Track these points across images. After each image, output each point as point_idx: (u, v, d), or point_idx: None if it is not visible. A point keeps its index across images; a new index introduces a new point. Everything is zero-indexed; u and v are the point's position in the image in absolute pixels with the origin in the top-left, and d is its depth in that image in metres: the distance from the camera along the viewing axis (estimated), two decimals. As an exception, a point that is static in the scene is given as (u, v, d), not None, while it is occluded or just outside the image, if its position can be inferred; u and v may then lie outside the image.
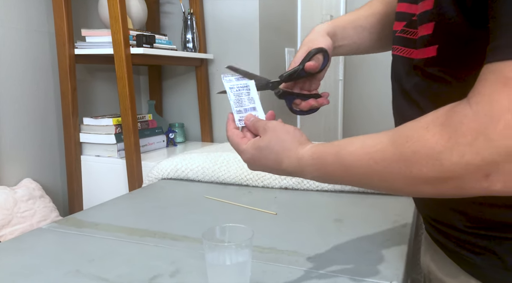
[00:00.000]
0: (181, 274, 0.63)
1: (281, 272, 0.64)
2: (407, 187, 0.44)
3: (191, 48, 1.85)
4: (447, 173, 0.40)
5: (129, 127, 1.48)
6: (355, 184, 0.52)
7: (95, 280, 0.62)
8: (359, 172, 0.48)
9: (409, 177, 0.43)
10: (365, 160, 0.47)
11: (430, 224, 0.61)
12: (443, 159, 0.39)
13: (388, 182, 0.46)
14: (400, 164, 0.43)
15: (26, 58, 1.55)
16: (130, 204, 1.02)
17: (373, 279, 0.60)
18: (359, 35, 0.74)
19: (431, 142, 0.40)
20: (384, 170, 0.45)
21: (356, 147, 0.48)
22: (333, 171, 0.51)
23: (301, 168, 0.53)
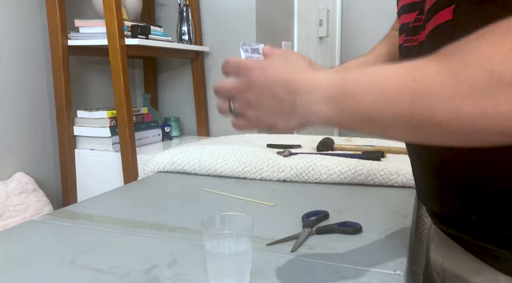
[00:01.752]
0: (179, 265, 0.61)
1: (282, 262, 0.62)
2: (447, 113, 0.34)
3: (186, 40, 1.82)
4: (507, 91, 0.32)
5: (124, 119, 1.46)
6: (375, 114, 0.39)
7: (90, 271, 0.60)
8: (388, 92, 0.37)
9: (454, 96, 0.34)
10: (401, 77, 0.37)
11: (439, 218, 0.58)
12: (504, 71, 0.31)
13: (424, 106, 0.35)
14: (446, 78, 0.34)
15: (18, 49, 1.52)
16: (125, 196, 1.00)
17: (376, 268, 0.59)
18: None
19: (488, 52, 0.32)
20: (425, 88, 0.35)
21: (393, 65, 0.39)
22: (354, 86, 0.40)
23: (315, 79, 0.43)
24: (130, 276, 0.58)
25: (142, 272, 0.59)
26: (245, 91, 0.47)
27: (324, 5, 2.79)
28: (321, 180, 1.06)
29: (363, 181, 1.02)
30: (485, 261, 0.50)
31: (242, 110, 0.48)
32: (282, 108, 0.45)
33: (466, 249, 0.53)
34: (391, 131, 0.40)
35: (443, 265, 0.59)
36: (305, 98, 0.43)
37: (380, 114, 0.38)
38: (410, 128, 0.38)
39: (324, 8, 2.73)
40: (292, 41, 2.30)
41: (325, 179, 1.05)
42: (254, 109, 0.47)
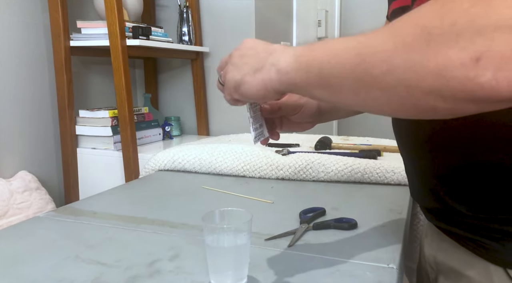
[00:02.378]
0: (180, 259, 0.64)
1: (280, 256, 0.64)
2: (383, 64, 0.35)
3: (186, 41, 1.85)
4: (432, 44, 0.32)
5: (126, 119, 1.48)
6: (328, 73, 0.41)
7: (94, 264, 0.62)
8: (339, 48, 0.40)
9: (389, 49, 0.35)
10: (352, 38, 0.40)
11: (432, 213, 0.60)
12: (434, 27, 0.32)
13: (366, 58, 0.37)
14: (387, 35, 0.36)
15: (21, 50, 1.54)
16: (127, 194, 1.02)
17: (370, 262, 0.61)
18: None
19: (423, 11, 0.34)
20: (369, 42, 0.38)
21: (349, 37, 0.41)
22: (314, 48, 0.43)
23: (284, 48, 0.47)
24: (133, 269, 0.60)
25: (145, 266, 0.61)
26: (233, 55, 0.53)
27: (322, 6, 2.81)
28: (318, 178, 1.08)
29: (359, 179, 1.05)
30: (476, 253, 0.52)
31: (225, 75, 0.53)
32: (254, 62, 0.49)
33: (458, 242, 0.55)
34: (338, 89, 0.41)
35: (436, 259, 0.61)
36: (278, 56, 0.47)
37: (329, 67, 0.41)
38: (353, 83, 0.39)
39: (322, 9, 2.76)
40: (291, 42, 2.33)
41: (322, 177, 1.08)
42: (233, 67, 0.52)
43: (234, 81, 0.51)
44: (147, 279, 0.57)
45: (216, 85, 0.59)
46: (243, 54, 0.51)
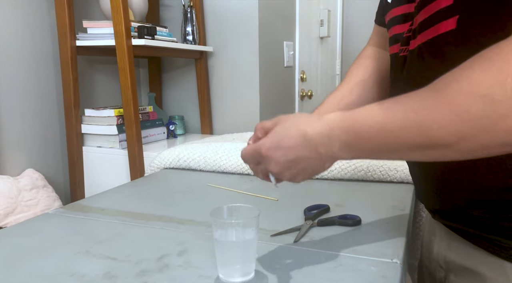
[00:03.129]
0: (189, 253, 0.65)
1: (286, 251, 0.66)
2: (451, 137, 0.38)
3: (191, 40, 1.86)
4: (500, 111, 0.35)
5: (131, 117, 1.50)
6: (388, 147, 0.44)
7: (105, 259, 0.64)
8: (395, 127, 0.42)
9: (456, 122, 0.37)
10: (401, 112, 0.41)
11: (441, 213, 0.59)
12: (495, 94, 0.35)
13: (429, 135, 0.39)
14: (443, 108, 0.38)
15: (28, 50, 1.56)
16: (134, 191, 1.04)
17: (374, 257, 0.63)
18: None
19: (479, 78, 0.36)
20: (425, 118, 0.39)
21: (391, 102, 0.43)
22: (364, 130, 0.45)
23: (328, 131, 0.48)
24: (143, 264, 0.62)
25: (154, 260, 0.63)
26: (279, 172, 0.53)
27: (325, 5, 2.82)
28: (322, 176, 1.09)
29: (363, 177, 1.06)
30: (490, 251, 0.52)
31: (290, 181, 0.54)
32: (313, 163, 0.51)
33: (470, 241, 0.55)
34: (407, 156, 0.45)
35: (446, 258, 0.61)
36: (327, 148, 0.49)
37: (394, 147, 0.43)
38: (422, 153, 0.42)
39: (325, 9, 2.77)
40: (293, 41, 2.34)
41: (326, 175, 1.09)
42: (295, 176, 0.53)
43: (307, 179, 0.54)
44: (157, 273, 0.59)
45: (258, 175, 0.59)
46: (291, 168, 0.51)
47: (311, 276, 0.58)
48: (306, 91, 2.54)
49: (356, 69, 0.77)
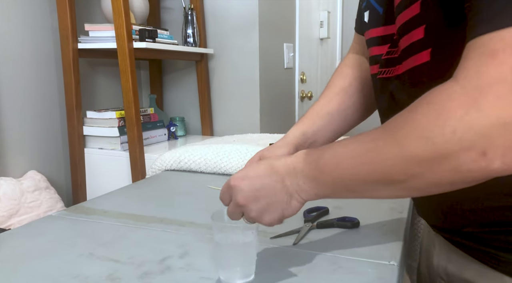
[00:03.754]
0: (190, 256, 0.66)
1: (285, 254, 0.67)
2: (401, 176, 0.42)
3: (191, 43, 1.87)
4: (440, 151, 0.37)
5: (132, 120, 1.51)
6: (346, 183, 0.47)
7: (108, 261, 0.65)
8: (352, 163, 0.45)
9: (403, 161, 0.41)
10: (357, 150, 0.45)
11: (438, 228, 0.60)
12: (435, 137, 0.38)
13: (382, 172, 0.43)
14: (393, 148, 0.41)
15: (30, 52, 1.57)
16: (135, 193, 1.05)
17: (372, 259, 0.64)
18: (331, 120, 0.74)
19: (422, 121, 0.39)
20: (376, 158, 0.43)
21: (350, 140, 0.47)
22: (325, 164, 0.48)
23: (294, 164, 0.50)
24: (145, 266, 0.63)
25: (157, 263, 0.64)
26: (245, 205, 0.53)
27: (324, 7, 2.84)
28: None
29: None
30: (489, 265, 0.52)
31: (261, 222, 0.54)
32: (280, 197, 0.51)
33: (469, 254, 0.55)
34: (366, 193, 0.48)
35: (447, 270, 0.61)
36: (292, 180, 0.50)
37: (352, 182, 0.46)
38: (378, 189, 0.45)
39: (325, 10, 2.78)
40: (293, 43, 2.35)
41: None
42: (264, 214, 0.52)
43: (276, 220, 0.53)
44: (159, 276, 0.60)
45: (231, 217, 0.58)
46: (262, 203, 0.52)
47: (310, 278, 0.59)
48: (306, 92, 2.56)
49: (336, 78, 0.78)
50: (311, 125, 0.72)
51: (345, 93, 0.75)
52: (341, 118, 0.74)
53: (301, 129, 0.72)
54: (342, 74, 0.78)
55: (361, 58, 0.79)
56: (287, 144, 0.70)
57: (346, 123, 0.75)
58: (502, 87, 0.34)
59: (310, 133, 0.71)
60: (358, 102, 0.75)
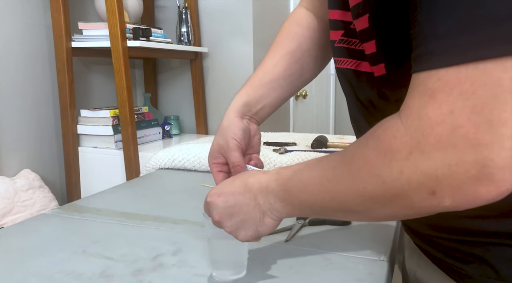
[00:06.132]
0: (183, 253, 0.67)
1: (277, 250, 0.68)
2: (359, 207, 0.42)
3: (186, 41, 1.88)
4: (391, 190, 0.38)
5: (126, 118, 1.51)
6: (312, 207, 0.48)
7: (101, 258, 0.65)
8: (315, 191, 0.46)
9: (358, 196, 0.41)
10: (318, 178, 0.46)
11: (410, 230, 0.59)
12: (384, 176, 0.38)
13: (340, 202, 0.44)
14: (349, 182, 0.42)
15: (23, 51, 1.57)
16: (129, 192, 1.05)
17: (363, 255, 0.65)
18: (276, 87, 0.68)
19: (372, 158, 0.39)
20: (335, 188, 0.43)
21: (316, 163, 0.47)
22: (292, 187, 0.48)
23: (266, 182, 0.51)
24: (138, 263, 0.63)
25: (149, 260, 0.65)
26: (219, 221, 0.53)
27: (320, 5, 2.84)
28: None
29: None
30: (450, 276, 0.51)
31: (237, 237, 0.54)
32: (253, 214, 0.52)
33: (433, 262, 0.54)
34: (329, 215, 0.50)
35: (416, 274, 0.60)
36: (265, 199, 0.51)
37: (316, 206, 0.47)
38: (342, 215, 0.48)
39: (320, 9, 2.79)
40: (288, 42, 2.35)
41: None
42: (239, 230, 0.53)
43: (251, 237, 0.53)
44: (152, 272, 0.60)
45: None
46: (236, 219, 0.52)
47: (301, 274, 0.60)
48: (301, 91, 2.56)
49: (284, 38, 0.71)
50: (253, 94, 0.67)
51: (291, 57, 0.69)
52: (286, 84, 0.69)
53: (244, 100, 0.67)
54: (290, 34, 0.71)
55: (312, 16, 0.71)
56: (232, 118, 0.65)
57: (292, 89, 0.71)
58: (442, 129, 0.34)
59: (254, 102, 0.67)
60: (305, 65, 0.70)
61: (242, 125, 0.64)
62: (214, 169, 0.65)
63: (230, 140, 0.63)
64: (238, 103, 0.66)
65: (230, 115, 0.65)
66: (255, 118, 0.67)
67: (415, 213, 0.39)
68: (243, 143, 0.63)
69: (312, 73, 0.72)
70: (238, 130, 0.63)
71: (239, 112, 0.66)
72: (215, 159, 0.65)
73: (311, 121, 2.87)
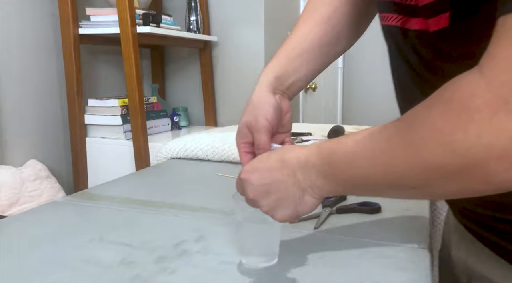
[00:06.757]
0: (206, 240, 0.63)
1: (307, 238, 0.63)
2: (418, 182, 0.37)
3: (195, 30, 1.83)
4: (463, 160, 0.32)
5: (136, 107, 1.47)
6: (359, 184, 0.43)
7: (120, 245, 0.61)
8: (365, 164, 0.41)
9: (419, 169, 0.35)
10: (370, 149, 0.40)
11: (462, 214, 0.54)
12: (456, 142, 0.32)
13: (396, 177, 0.38)
14: (408, 152, 0.36)
15: (30, 39, 1.53)
16: (142, 181, 1.01)
17: (400, 243, 0.60)
18: (309, 58, 0.62)
19: (439, 123, 0.33)
20: (390, 161, 0.38)
21: (364, 135, 0.41)
22: (337, 161, 0.43)
23: (306, 156, 0.46)
24: (160, 250, 0.59)
25: (172, 247, 0.60)
26: (254, 200, 0.49)
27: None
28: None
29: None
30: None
31: (274, 217, 0.50)
32: (292, 192, 0.47)
33: (492, 249, 0.49)
34: (380, 194, 0.44)
35: (467, 263, 0.55)
36: (305, 175, 0.46)
37: (364, 183, 0.42)
38: (393, 192, 0.42)
39: None
40: (298, 32, 2.31)
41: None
42: (276, 210, 0.48)
43: (289, 216, 0.49)
44: (176, 260, 0.56)
45: None
46: (273, 198, 0.48)
47: (336, 263, 0.55)
48: (310, 84, 2.52)
49: (318, 2, 0.64)
50: (286, 66, 0.61)
51: (327, 23, 0.62)
52: (321, 54, 0.62)
53: (275, 73, 0.60)
54: (325, 2, 0.63)
55: None
56: (264, 94, 0.59)
57: (327, 59, 0.64)
58: None
59: (286, 75, 0.61)
60: (342, 33, 0.63)
61: (274, 102, 0.59)
62: (242, 149, 0.60)
63: (260, 119, 0.57)
64: (269, 76, 0.60)
65: (261, 90, 0.60)
66: (287, 93, 0.62)
67: (491, 189, 0.33)
68: (274, 122, 0.58)
69: (348, 42, 0.65)
70: (270, 107, 0.58)
71: (271, 86, 0.60)
72: (244, 138, 0.60)
73: (320, 113, 2.83)
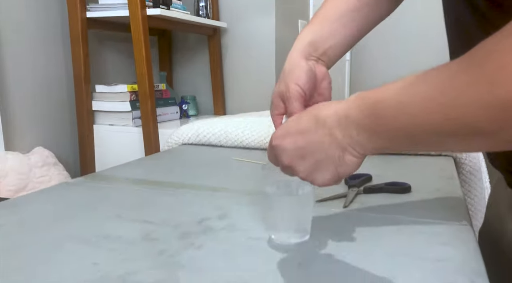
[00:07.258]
0: (229, 218, 0.59)
1: (338, 216, 0.60)
2: (491, 125, 0.31)
3: (204, 15, 1.79)
4: None
5: (146, 93, 1.43)
6: (411, 134, 0.37)
7: (140, 223, 0.58)
8: (419, 110, 0.35)
9: (495, 106, 0.30)
10: (425, 92, 0.34)
11: None
12: None
13: (461, 121, 0.32)
14: (480, 88, 0.30)
15: (36, 24, 1.49)
16: (156, 163, 0.98)
17: (440, 220, 0.56)
18: (347, 22, 0.57)
19: None
20: (454, 102, 0.32)
21: (415, 78, 0.36)
22: (385, 110, 0.38)
23: (345, 111, 0.41)
24: (183, 227, 0.56)
25: (195, 224, 0.57)
26: (291, 166, 0.45)
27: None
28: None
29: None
30: None
31: (313, 182, 0.46)
32: (331, 152, 0.43)
33: None
34: (438, 147, 0.38)
35: None
36: (344, 131, 0.41)
37: (419, 132, 0.36)
38: (455, 142, 0.35)
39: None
40: (307, 20, 2.27)
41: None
42: (312, 173, 0.45)
43: (331, 180, 0.45)
44: (201, 235, 0.53)
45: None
46: (310, 161, 0.44)
47: (375, 239, 0.51)
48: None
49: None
50: (320, 30, 0.57)
51: (354, 15, 0.58)
52: (360, 16, 0.57)
53: (309, 38, 0.57)
54: None
55: None
56: (295, 60, 0.55)
57: (367, 23, 0.59)
58: None
59: (321, 40, 0.56)
60: (374, 17, 0.59)
61: (306, 68, 0.55)
62: (278, 121, 0.56)
63: (291, 86, 0.54)
64: (302, 42, 0.57)
65: (292, 56, 0.56)
66: (322, 59, 0.57)
67: None
68: (306, 89, 0.54)
69: (391, 1, 0.60)
70: (301, 72, 0.54)
71: (304, 52, 0.56)
72: (278, 109, 0.56)
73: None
